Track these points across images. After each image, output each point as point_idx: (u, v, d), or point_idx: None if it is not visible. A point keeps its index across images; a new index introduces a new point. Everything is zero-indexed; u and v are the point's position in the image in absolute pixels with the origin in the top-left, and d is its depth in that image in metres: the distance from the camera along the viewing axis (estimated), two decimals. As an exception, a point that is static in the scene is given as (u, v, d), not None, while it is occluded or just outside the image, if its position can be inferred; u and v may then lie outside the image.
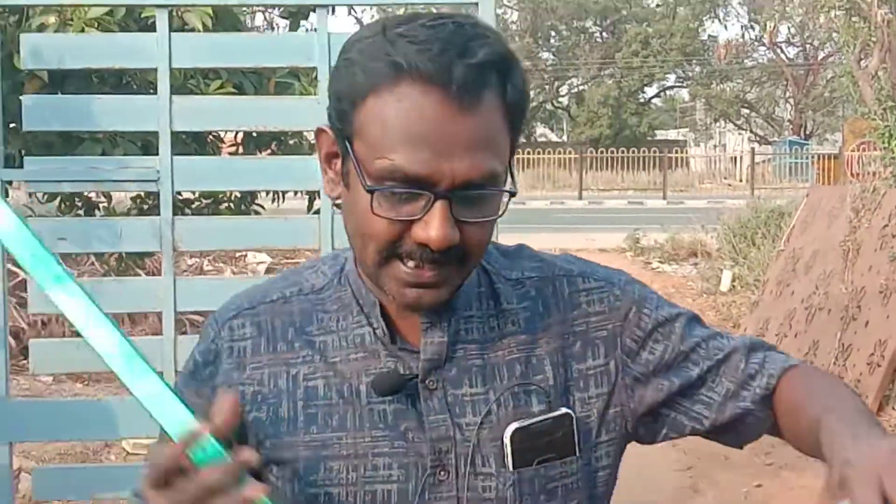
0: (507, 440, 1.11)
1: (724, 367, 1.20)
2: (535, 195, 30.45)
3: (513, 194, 1.07)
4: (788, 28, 34.79)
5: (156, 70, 2.85)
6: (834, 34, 10.56)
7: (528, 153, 34.52)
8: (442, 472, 1.11)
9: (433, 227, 1.01)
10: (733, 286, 11.60)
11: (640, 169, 34.27)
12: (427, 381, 1.12)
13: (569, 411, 1.15)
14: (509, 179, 1.08)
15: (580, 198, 29.54)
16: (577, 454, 1.15)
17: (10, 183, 3.01)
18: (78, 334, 0.94)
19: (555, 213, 24.34)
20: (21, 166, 3.16)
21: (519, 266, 1.22)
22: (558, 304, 1.19)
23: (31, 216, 5.73)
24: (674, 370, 1.19)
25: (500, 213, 1.07)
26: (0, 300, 2.82)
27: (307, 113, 2.86)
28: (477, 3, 2.85)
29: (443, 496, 1.11)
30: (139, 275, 5.06)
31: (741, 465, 5.98)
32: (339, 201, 1.11)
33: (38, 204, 5.92)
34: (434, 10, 1.21)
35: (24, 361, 5.73)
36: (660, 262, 14.72)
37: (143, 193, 4.83)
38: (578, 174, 31.42)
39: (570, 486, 1.15)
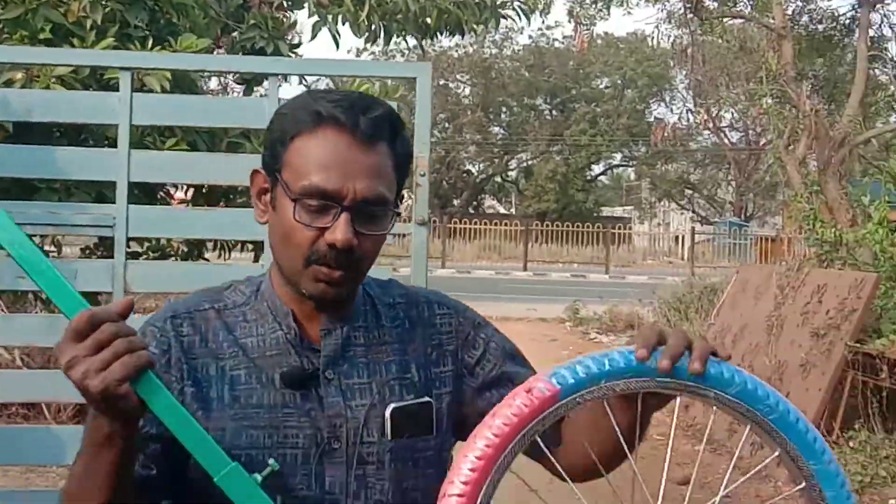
0: (388, 415, 1.45)
1: None
2: (482, 265, 30.80)
3: (397, 214, 1.46)
4: (732, 113, 35.89)
5: (116, 126, 3.07)
6: (765, 120, 11.08)
7: (476, 224, 34.98)
8: (336, 442, 1.43)
9: (339, 231, 1.36)
10: (667, 358, 11.89)
11: (584, 243, 34.82)
12: (326, 373, 1.46)
13: (430, 400, 1.50)
14: (395, 221, 1.47)
15: (525, 269, 29.92)
16: (434, 434, 1.50)
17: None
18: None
19: (500, 283, 24.62)
20: (-19, 210, 3.35)
21: (391, 294, 1.60)
22: (422, 323, 1.57)
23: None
24: (496, 387, 1.56)
25: (388, 231, 1.46)
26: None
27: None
28: (416, 78, 3.12)
29: (335, 460, 1.43)
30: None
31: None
32: (266, 223, 1.48)
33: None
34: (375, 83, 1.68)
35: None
36: (597, 332, 15.02)
37: (91, 245, 5.03)
38: (524, 246, 31.88)
39: (429, 458, 1.50)
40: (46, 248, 5.22)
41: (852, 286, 7.69)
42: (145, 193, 4.48)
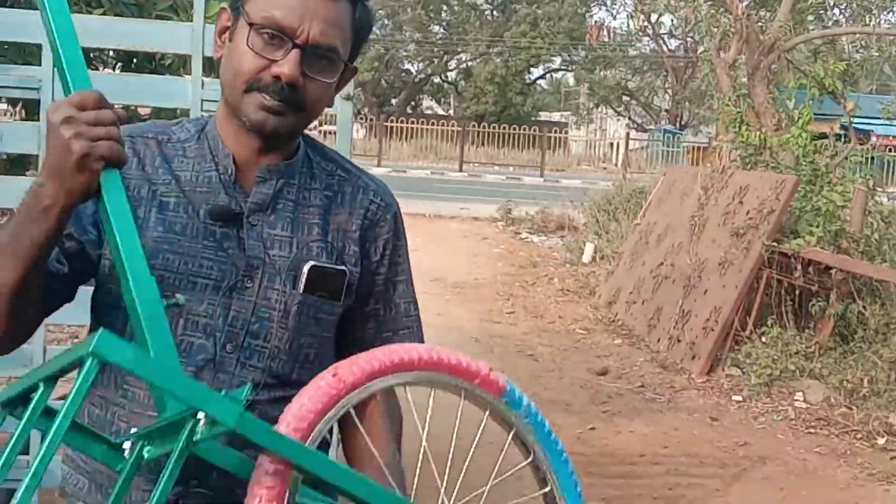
0: (306, 270, 1.52)
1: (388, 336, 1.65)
2: (417, 164, 30.80)
3: (353, 70, 1.55)
4: (672, 21, 35.89)
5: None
6: (700, 25, 11.17)
7: (413, 123, 34.82)
8: (248, 282, 1.50)
9: (286, 64, 1.44)
10: (594, 258, 12.17)
11: (521, 147, 34.96)
12: (251, 219, 1.52)
13: (344, 269, 1.57)
14: (347, 80, 1.57)
15: (461, 170, 30.01)
16: (341, 302, 1.58)
17: None
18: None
19: (435, 183, 24.73)
20: None
21: (334, 164, 1.65)
22: (353, 202, 1.61)
23: None
24: (380, 301, 1.66)
25: (335, 81, 1.52)
26: None
27: (183, 37, 3.10)
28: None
29: (244, 298, 1.50)
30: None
31: (579, 410, 6.48)
32: (220, 58, 1.53)
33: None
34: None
35: None
36: (529, 232, 15.27)
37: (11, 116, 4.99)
38: (460, 147, 31.90)
39: (329, 321, 1.58)
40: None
41: (773, 188, 7.92)
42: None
